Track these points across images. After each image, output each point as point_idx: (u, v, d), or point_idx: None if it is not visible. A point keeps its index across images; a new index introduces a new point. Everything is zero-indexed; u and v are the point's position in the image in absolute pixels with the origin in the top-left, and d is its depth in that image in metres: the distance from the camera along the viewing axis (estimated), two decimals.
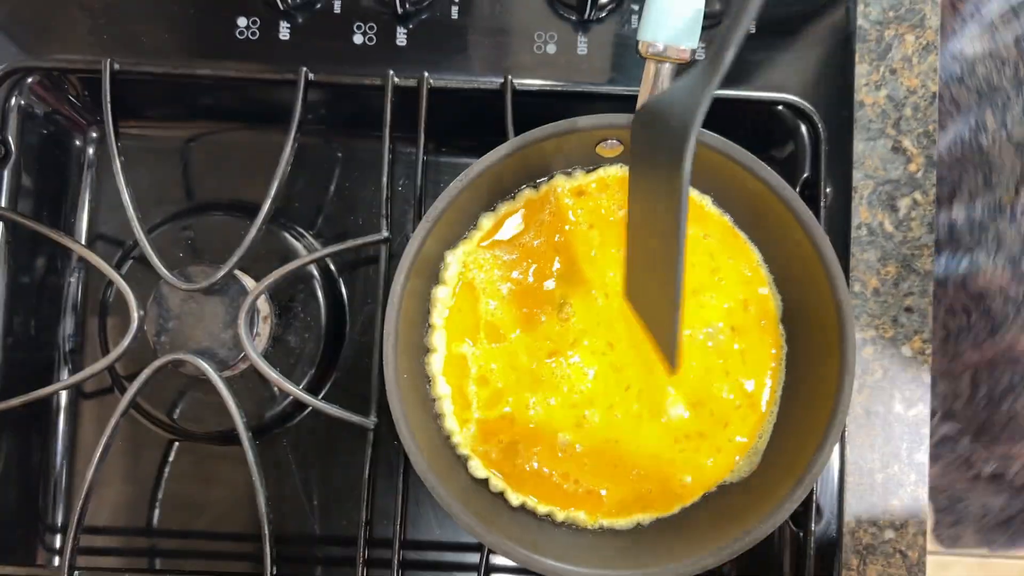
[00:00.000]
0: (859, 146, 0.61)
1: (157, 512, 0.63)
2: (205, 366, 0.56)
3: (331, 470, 0.63)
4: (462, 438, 0.55)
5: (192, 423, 0.63)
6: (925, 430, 0.60)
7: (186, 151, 0.66)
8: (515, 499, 0.55)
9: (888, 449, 0.60)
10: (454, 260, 0.56)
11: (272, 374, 0.56)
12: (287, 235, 0.64)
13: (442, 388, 0.56)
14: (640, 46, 0.48)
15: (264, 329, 0.61)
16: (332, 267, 0.64)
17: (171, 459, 0.64)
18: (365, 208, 0.64)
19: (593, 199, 0.56)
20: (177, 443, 0.64)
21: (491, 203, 0.56)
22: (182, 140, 0.66)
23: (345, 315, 0.64)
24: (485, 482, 0.55)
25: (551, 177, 0.57)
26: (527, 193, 0.56)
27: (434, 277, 0.56)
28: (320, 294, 0.63)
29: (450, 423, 0.55)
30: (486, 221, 0.56)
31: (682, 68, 0.49)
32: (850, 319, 0.49)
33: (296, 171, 0.64)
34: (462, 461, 0.56)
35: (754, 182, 0.52)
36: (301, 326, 0.62)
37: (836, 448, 0.59)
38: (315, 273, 0.63)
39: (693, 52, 0.49)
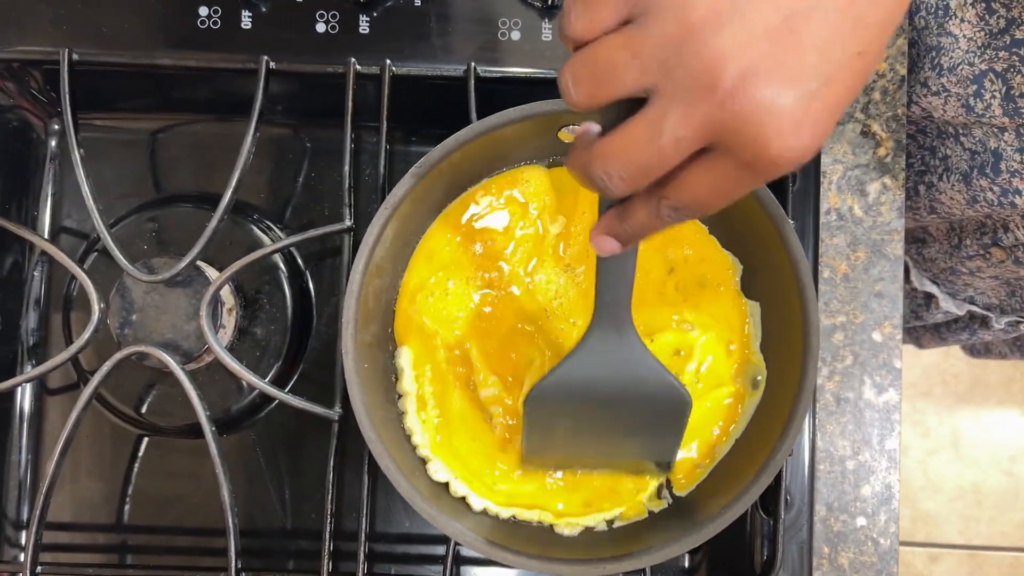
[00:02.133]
0: None
1: (125, 507, 0.63)
2: (168, 358, 0.55)
3: (299, 463, 0.62)
4: (422, 439, 0.55)
5: (159, 417, 0.62)
6: (896, 416, 0.59)
7: (153, 143, 0.65)
8: (477, 503, 0.55)
9: (859, 436, 0.59)
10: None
11: (235, 366, 0.55)
12: (254, 227, 0.63)
13: (408, 385, 0.55)
14: None
15: (229, 321, 0.60)
16: (299, 259, 0.64)
17: (140, 454, 0.64)
18: (332, 199, 0.64)
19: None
20: (147, 438, 0.64)
21: (454, 192, 0.56)
22: (149, 132, 0.65)
23: (312, 307, 0.63)
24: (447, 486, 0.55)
25: (517, 166, 0.56)
26: (489, 181, 0.56)
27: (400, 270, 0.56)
28: (286, 286, 0.62)
29: (411, 421, 0.55)
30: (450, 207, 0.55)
31: None
32: (812, 301, 0.49)
33: (264, 162, 0.64)
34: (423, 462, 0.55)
35: None
36: (267, 318, 0.62)
37: (807, 436, 0.58)
38: (281, 265, 0.62)
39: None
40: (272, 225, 0.64)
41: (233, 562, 0.54)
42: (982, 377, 1.71)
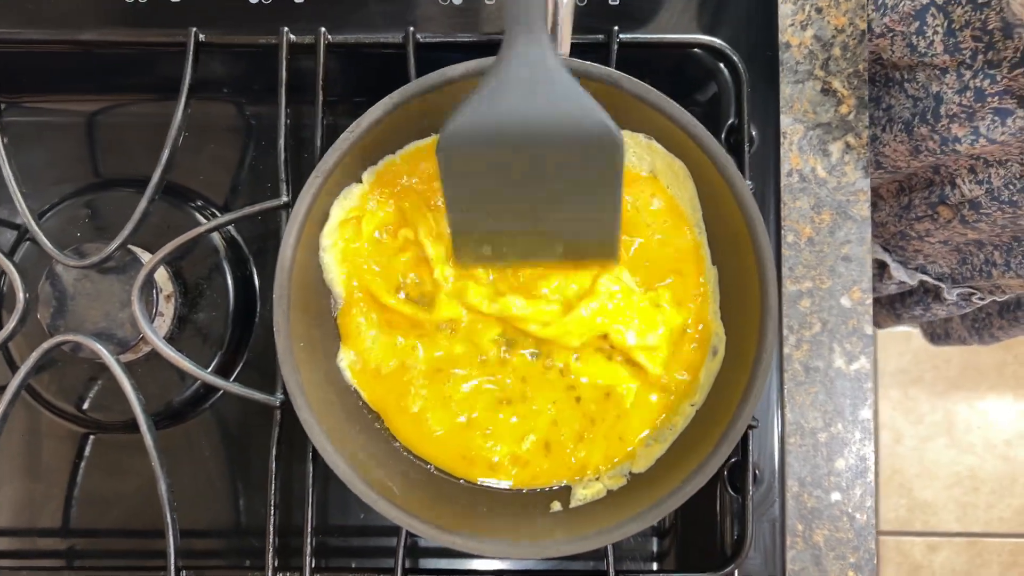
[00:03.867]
0: (786, 89, 0.58)
1: (67, 510, 0.60)
2: (99, 347, 0.53)
3: (247, 455, 0.59)
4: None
5: (101, 413, 0.60)
6: (868, 384, 0.57)
7: (90, 126, 0.63)
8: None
9: (831, 407, 0.57)
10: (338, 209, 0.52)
11: (171, 353, 0.52)
12: (196, 212, 0.61)
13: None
14: None
15: (167, 308, 0.57)
16: (241, 242, 0.61)
17: (86, 453, 0.61)
18: (276, 179, 0.61)
19: None
20: (92, 436, 0.61)
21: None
22: (85, 115, 0.62)
23: (256, 293, 0.60)
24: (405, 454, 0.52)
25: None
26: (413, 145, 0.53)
27: None
28: (228, 271, 0.59)
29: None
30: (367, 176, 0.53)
31: None
32: (769, 257, 0.46)
33: (204, 143, 0.62)
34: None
35: (667, 123, 0.49)
36: (209, 305, 0.59)
37: (775, 407, 0.56)
38: (222, 249, 0.59)
39: None
40: (216, 211, 0.62)
41: (172, 561, 0.51)
42: (973, 361, 1.68)
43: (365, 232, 0.52)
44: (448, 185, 0.44)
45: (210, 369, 0.58)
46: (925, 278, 0.79)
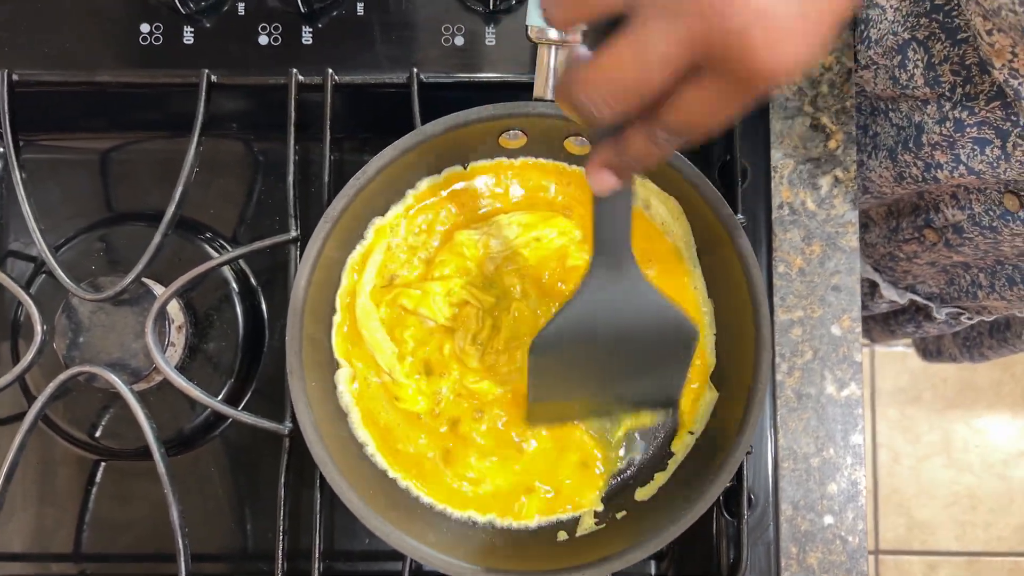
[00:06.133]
0: (776, 125, 0.60)
1: (79, 535, 0.61)
2: (113, 377, 0.54)
3: (256, 482, 0.61)
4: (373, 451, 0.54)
5: (113, 440, 0.61)
6: (859, 411, 0.58)
7: (103, 163, 0.65)
8: (436, 507, 0.54)
9: (822, 432, 0.58)
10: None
11: (182, 383, 0.54)
12: (205, 245, 0.63)
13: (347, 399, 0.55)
14: (529, 31, 0.48)
15: (179, 339, 0.59)
16: (250, 275, 0.63)
17: (97, 480, 0.62)
18: (284, 214, 0.63)
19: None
20: (103, 463, 0.63)
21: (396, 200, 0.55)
22: (99, 152, 0.65)
23: (264, 323, 0.62)
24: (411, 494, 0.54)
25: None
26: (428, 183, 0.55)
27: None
28: (237, 302, 0.61)
29: (359, 432, 0.54)
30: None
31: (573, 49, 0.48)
32: (761, 291, 0.48)
33: (214, 178, 0.64)
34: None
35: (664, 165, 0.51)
36: (219, 335, 0.61)
37: (769, 434, 0.57)
38: (232, 282, 0.61)
39: (584, 35, 0.48)
40: (225, 244, 0.64)
41: None
42: (971, 380, 1.69)
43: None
44: (534, 378, 0.48)
45: (220, 397, 0.60)
46: (915, 297, 0.81)
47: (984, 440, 1.69)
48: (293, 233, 0.56)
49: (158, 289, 0.58)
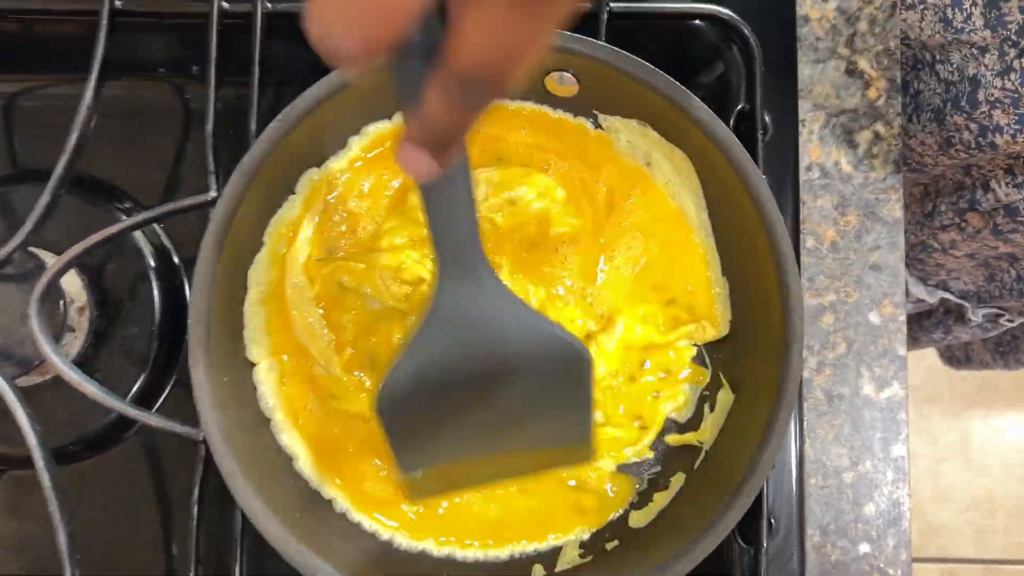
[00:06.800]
0: (805, 70, 0.50)
1: None
2: None
3: (174, 494, 0.51)
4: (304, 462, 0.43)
5: (7, 446, 0.51)
6: (902, 416, 0.48)
7: (5, 109, 0.54)
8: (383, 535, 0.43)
9: (858, 442, 0.48)
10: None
11: (74, 376, 0.44)
12: (119, 212, 0.52)
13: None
14: None
15: (80, 323, 0.49)
16: (171, 247, 0.53)
17: None
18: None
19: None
20: (4, 474, 0.53)
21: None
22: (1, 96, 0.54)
23: (186, 307, 0.52)
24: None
25: None
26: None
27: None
28: (154, 281, 0.51)
29: (286, 441, 0.43)
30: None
31: None
32: (792, 269, 0.38)
33: (133, 132, 0.54)
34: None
35: (665, 106, 0.40)
36: (131, 319, 0.51)
37: (793, 443, 0.47)
38: (148, 256, 0.51)
39: None
40: (141, 207, 0.53)
41: None
42: (991, 379, 1.61)
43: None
44: (396, 442, 0.38)
45: (132, 394, 0.50)
46: (947, 296, 0.71)
47: (1004, 441, 1.62)
48: (212, 193, 0.46)
49: (51, 261, 0.48)
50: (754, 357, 0.42)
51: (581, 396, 0.37)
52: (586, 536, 0.43)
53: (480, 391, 0.36)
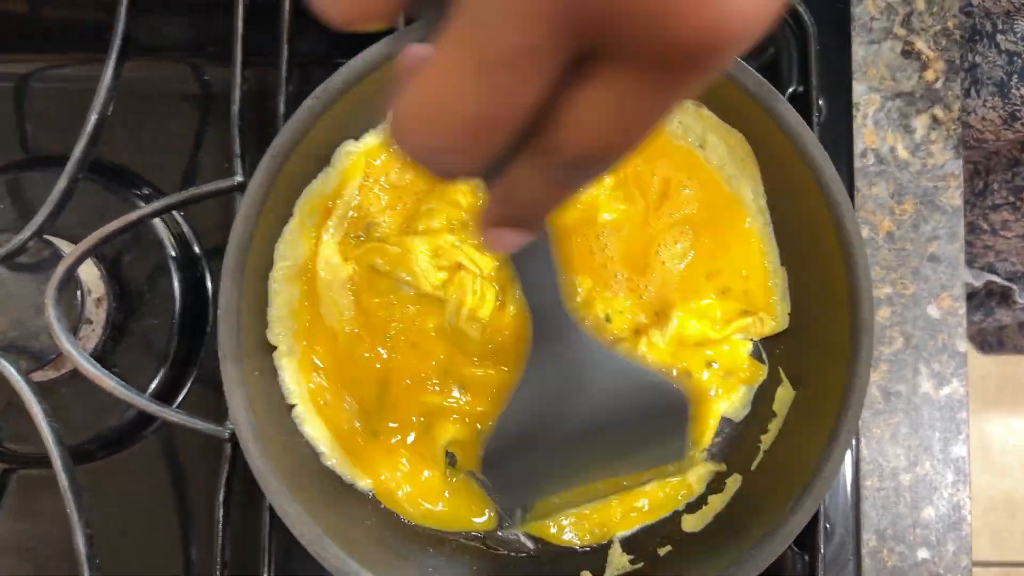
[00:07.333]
0: (859, 51, 0.47)
1: None
2: (2, 362, 0.42)
3: (195, 497, 0.48)
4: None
5: (20, 443, 0.49)
6: (963, 415, 0.46)
7: (17, 91, 0.52)
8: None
9: (915, 441, 0.46)
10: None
11: (92, 370, 0.42)
12: (139, 200, 0.50)
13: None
14: None
15: (98, 315, 0.47)
16: (192, 236, 0.50)
17: (6, 491, 0.50)
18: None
19: None
20: (16, 473, 0.51)
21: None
22: (13, 77, 0.52)
23: (208, 297, 0.50)
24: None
25: None
26: None
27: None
28: (175, 271, 0.49)
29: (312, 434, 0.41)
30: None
31: None
32: (862, 257, 0.36)
33: (155, 116, 0.51)
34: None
35: (720, 81, 0.38)
36: (151, 311, 0.49)
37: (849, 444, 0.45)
38: (169, 246, 0.49)
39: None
40: (163, 196, 0.51)
41: None
42: (1013, 376, 1.58)
43: None
44: (502, 493, 0.40)
45: (151, 389, 0.48)
46: (993, 279, 0.68)
47: (1023, 441, 1.59)
48: (238, 179, 0.43)
49: (68, 250, 0.45)
50: (816, 353, 0.39)
51: (679, 428, 0.38)
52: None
53: (581, 436, 0.36)
